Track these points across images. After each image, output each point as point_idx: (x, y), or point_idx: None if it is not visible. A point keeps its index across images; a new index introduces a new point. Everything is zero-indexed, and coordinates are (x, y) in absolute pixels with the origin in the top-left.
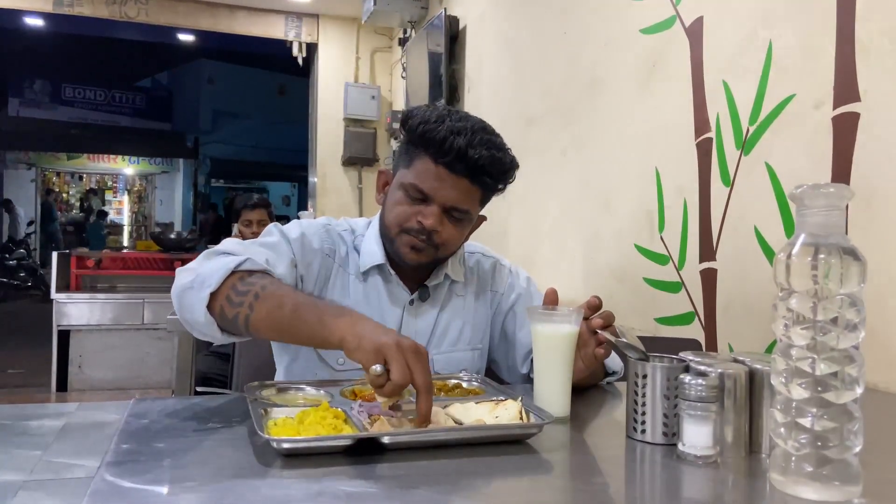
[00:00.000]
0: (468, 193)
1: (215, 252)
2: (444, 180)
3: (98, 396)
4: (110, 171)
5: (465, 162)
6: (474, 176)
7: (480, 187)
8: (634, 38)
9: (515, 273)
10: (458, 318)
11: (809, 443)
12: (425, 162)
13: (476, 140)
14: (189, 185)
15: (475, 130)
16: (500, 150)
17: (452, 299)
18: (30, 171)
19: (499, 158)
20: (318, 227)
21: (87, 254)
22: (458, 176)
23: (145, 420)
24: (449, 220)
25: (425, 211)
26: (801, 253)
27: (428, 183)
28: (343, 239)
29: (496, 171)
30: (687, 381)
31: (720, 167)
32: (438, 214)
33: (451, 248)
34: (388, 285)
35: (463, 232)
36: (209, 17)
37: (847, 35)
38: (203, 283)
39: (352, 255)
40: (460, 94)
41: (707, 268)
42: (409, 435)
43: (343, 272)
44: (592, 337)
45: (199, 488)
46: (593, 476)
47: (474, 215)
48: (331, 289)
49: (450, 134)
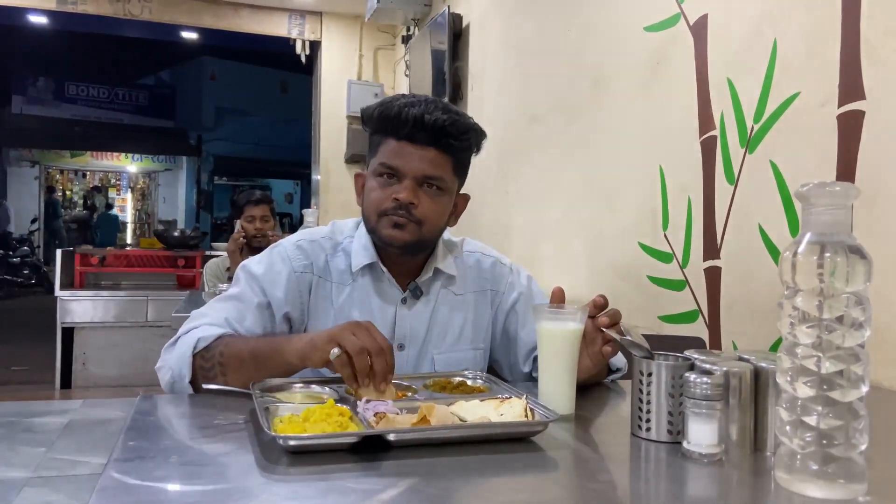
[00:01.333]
0: (436, 161)
1: (180, 332)
2: (410, 153)
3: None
4: (113, 169)
5: (424, 129)
6: (438, 141)
7: (448, 153)
8: (639, 35)
9: (516, 272)
10: (457, 317)
11: (815, 441)
12: (388, 142)
13: (431, 107)
14: (192, 183)
15: (428, 101)
16: (457, 114)
17: (449, 297)
18: (33, 168)
19: (456, 120)
20: (288, 248)
21: (91, 251)
22: (422, 146)
23: (152, 417)
24: (425, 193)
25: (398, 187)
26: (807, 251)
27: (395, 159)
28: (321, 247)
29: (457, 131)
30: (692, 380)
31: (724, 165)
32: (412, 187)
33: (433, 223)
34: (379, 284)
35: (443, 206)
36: (212, 15)
37: (852, 33)
38: (181, 377)
39: (333, 262)
40: (463, 91)
41: (711, 266)
42: (414, 432)
43: (323, 282)
44: (599, 335)
45: (206, 485)
46: (598, 474)
47: (450, 184)
48: (313, 302)
49: (404, 107)
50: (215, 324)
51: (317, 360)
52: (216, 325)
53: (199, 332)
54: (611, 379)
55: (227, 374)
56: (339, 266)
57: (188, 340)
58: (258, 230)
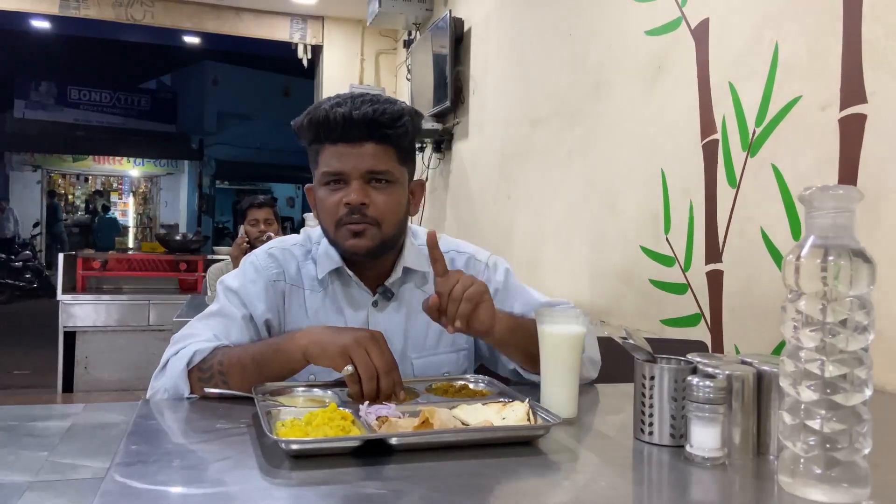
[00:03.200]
0: (377, 155)
1: (167, 355)
2: (348, 153)
3: (104, 397)
4: (115, 173)
5: (355, 126)
6: (373, 135)
7: (387, 143)
8: (640, 39)
9: (493, 266)
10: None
11: (818, 445)
12: (325, 149)
13: (358, 102)
14: (194, 187)
15: (354, 97)
16: (386, 102)
17: (423, 297)
18: (35, 172)
19: (385, 109)
20: (260, 257)
21: (93, 255)
22: (358, 143)
23: (153, 421)
24: (374, 189)
25: (347, 190)
26: (810, 255)
27: (335, 163)
28: (292, 254)
29: (390, 120)
30: (695, 383)
31: (726, 169)
32: (360, 187)
33: (391, 219)
34: (348, 289)
35: (396, 198)
36: (214, 20)
37: (854, 36)
38: (178, 393)
39: (304, 268)
40: (465, 95)
41: (713, 269)
42: (416, 436)
43: (296, 290)
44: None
45: (209, 489)
46: (601, 478)
47: (398, 175)
48: (288, 310)
49: (330, 108)
50: (207, 340)
51: (324, 363)
52: (208, 341)
53: (193, 347)
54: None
55: (229, 381)
56: (311, 273)
57: (180, 357)
58: (262, 233)
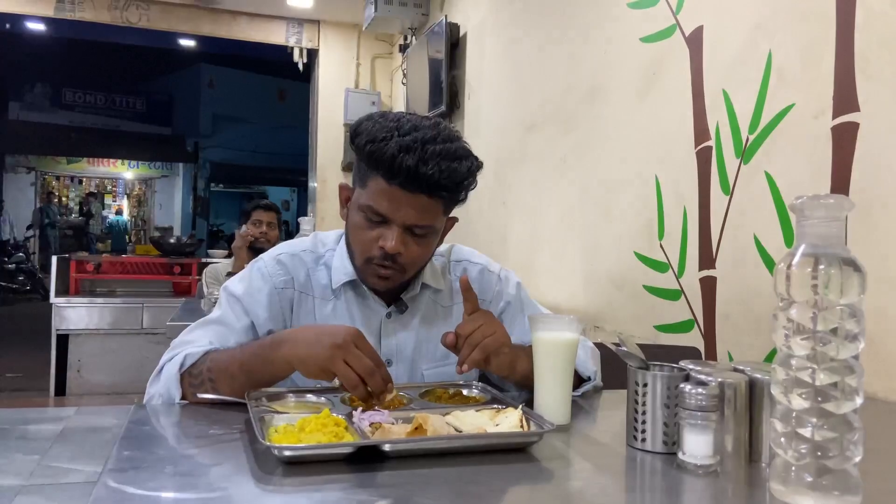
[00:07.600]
0: (427, 209)
1: (163, 361)
2: (399, 200)
3: (97, 401)
4: (110, 175)
5: (418, 180)
6: (431, 191)
7: (440, 200)
8: (635, 46)
9: (505, 279)
10: (445, 329)
11: (809, 452)
12: (378, 182)
13: (427, 154)
14: (189, 190)
15: (426, 142)
16: (454, 160)
17: (436, 309)
18: (29, 174)
19: (454, 169)
20: (268, 264)
21: (87, 258)
22: (413, 193)
23: (146, 426)
24: (412, 239)
25: (386, 234)
26: (801, 263)
27: (384, 204)
28: (302, 261)
29: (452, 184)
30: (687, 391)
31: (720, 176)
32: (400, 236)
33: (418, 265)
34: (363, 300)
35: (429, 246)
36: (210, 23)
37: (846, 45)
38: (170, 398)
39: (314, 276)
40: (460, 100)
41: (706, 276)
42: (410, 443)
43: (305, 297)
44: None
45: (201, 495)
46: (593, 485)
47: (438, 228)
48: (296, 317)
49: (398, 152)
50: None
51: (310, 378)
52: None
53: (186, 352)
54: (582, 391)
55: (218, 388)
56: (322, 280)
57: (174, 363)
58: (263, 234)
